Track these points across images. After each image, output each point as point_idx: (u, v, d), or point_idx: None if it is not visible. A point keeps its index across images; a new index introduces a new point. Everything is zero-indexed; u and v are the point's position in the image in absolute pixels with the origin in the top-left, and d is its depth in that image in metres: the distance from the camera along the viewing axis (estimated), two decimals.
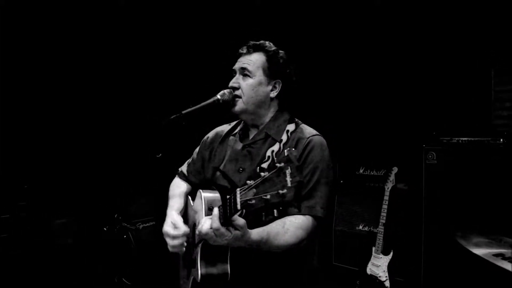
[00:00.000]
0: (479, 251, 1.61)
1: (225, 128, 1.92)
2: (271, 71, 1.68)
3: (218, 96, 1.73)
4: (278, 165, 1.09)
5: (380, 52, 4.19)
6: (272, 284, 1.60)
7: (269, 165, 1.15)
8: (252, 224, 1.41)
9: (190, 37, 4.32)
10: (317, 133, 1.67)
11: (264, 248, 1.45)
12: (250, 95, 1.67)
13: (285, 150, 1.13)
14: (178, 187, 1.95)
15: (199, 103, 1.71)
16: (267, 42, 1.74)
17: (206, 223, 1.37)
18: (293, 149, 1.18)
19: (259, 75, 1.67)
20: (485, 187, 3.12)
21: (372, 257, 3.38)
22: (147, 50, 4.23)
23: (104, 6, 3.95)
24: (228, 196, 1.27)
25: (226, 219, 1.30)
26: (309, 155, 1.58)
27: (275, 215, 1.13)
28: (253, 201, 1.13)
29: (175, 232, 1.60)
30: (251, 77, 1.67)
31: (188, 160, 2.02)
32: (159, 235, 1.71)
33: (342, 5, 4.08)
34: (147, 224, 3.94)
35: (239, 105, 1.69)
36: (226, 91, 1.75)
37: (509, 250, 1.62)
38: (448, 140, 3.36)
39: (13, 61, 3.77)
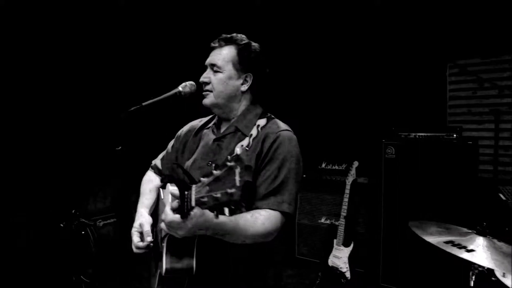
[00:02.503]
0: (432, 239, 1.69)
1: (200, 121, 1.89)
2: (242, 64, 1.65)
3: (180, 88, 1.70)
4: (228, 164, 1.08)
5: (342, 51, 4.28)
6: (237, 279, 1.60)
7: (218, 164, 1.14)
8: None
9: (155, 31, 4.25)
10: (288, 128, 1.65)
11: (231, 236, 1.42)
12: (219, 90, 1.65)
13: (237, 148, 1.11)
14: (150, 181, 1.89)
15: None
16: (239, 35, 1.70)
17: (167, 215, 1.35)
18: (246, 147, 1.17)
19: (228, 70, 1.64)
20: (439, 179, 3.27)
21: (334, 249, 3.46)
22: (108, 42, 4.11)
23: None
24: (186, 192, 1.26)
25: (183, 215, 1.28)
26: (277, 150, 1.56)
27: (226, 214, 1.12)
28: (206, 199, 1.12)
29: (138, 244, 1.58)
30: (220, 71, 1.64)
31: (162, 153, 1.98)
32: (121, 232, 1.66)
33: (307, 5, 4.12)
34: (108, 221, 3.84)
35: (210, 99, 1.66)
36: (188, 83, 1.72)
37: (458, 237, 1.71)
38: (406, 136, 3.49)
39: None
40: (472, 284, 1.76)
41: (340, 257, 3.41)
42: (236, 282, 1.57)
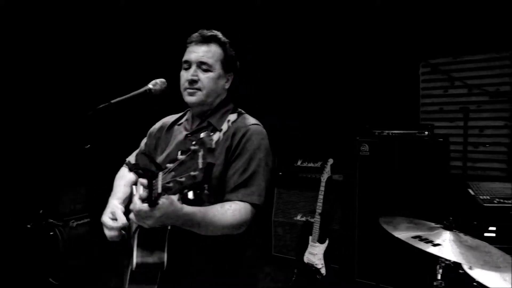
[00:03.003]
0: (400, 235, 1.72)
1: (171, 118, 1.88)
2: (227, 64, 1.68)
3: (150, 86, 1.68)
4: (192, 147, 1.10)
5: (318, 51, 4.31)
6: (210, 273, 1.59)
7: (184, 149, 1.14)
8: None
9: (125, 28, 4.19)
10: (257, 122, 1.68)
11: (201, 227, 1.42)
12: (211, 89, 1.64)
13: (201, 133, 1.12)
14: (124, 176, 1.87)
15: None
16: (220, 33, 1.71)
17: (135, 203, 1.34)
18: (211, 133, 1.18)
19: (218, 69, 1.65)
20: (411, 176, 3.34)
21: (309, 246, 3.49)
22: (74, 38, 4.02)
23: None
24: (154, 180, 1.25)
25: (151, 203, 1.27)
26: (247, 144, 1.58)
27: (191, 197, 1.11)
28: (171, 184, 1.13)
29: (113, 224, 1.54)
30: (211, 70, 1.64)
31: (135, 151, 1.96)
32: (94, 232, 1.63)
33: (279, 5, 4.14)
34: (82, 221, 3.76)
35: (199, 97, 1.64)
36: (158, 80, 1.70)
37: (426, 232, 1.75)
38: (379, 133, 3.54)
39: None
40: (439, 277, 1.80)
41: (315, 254, 3.44)
42: (209, 276, 1.57)
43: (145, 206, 1.28)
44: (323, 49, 4.28)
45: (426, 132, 3.36)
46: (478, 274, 2.00)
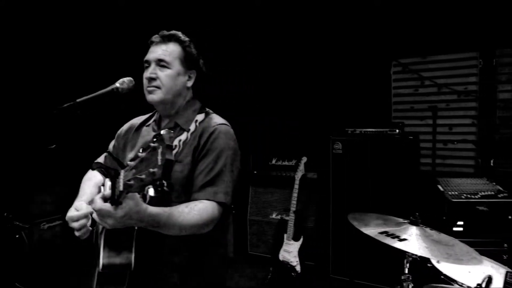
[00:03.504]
0: (368, 231, 1.76)
1: (139, 119, 1.86)
2: (187, 61, 1.67)
3: (117, 85, 1.66)
4: (151, 144, 1.09)
5: (292, 50, 4.35)
6: (180, 273, 1.59)
7: (144, 146, 1.14)
8: None
9: (91, 26, 4.10)
10: (225, 122, 1.68)
11: (166, 227, 1.41)
12: (170, 86, 1.64)
13: (162, 130, 1.12)
14: (91, 178, 1.83)
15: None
16: (179, 33, 1.72)
17: (95, 202, 1.31)
18: (171, 131, 1.18)
19: (176, 66, 1.65)
20: (383, 173, 3.41)
21: (284, 243, 3.52)
22: (40, 35, 3.91)
23: None
24: (116, 179, 1.24)
25: (113, 202, 1.26)
26: (214, 143, 1.59)
27: (152, 194, 1.11)
28: (132, 182, 1.12)
29: (76, 213, 1.51)
30: (169, 67, 1.64)
31: (104, 153, 1.92)
32: (66, 235, 1.60)
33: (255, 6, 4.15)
34: (53, 224, 3.67)
35: (158, 95, 1.63)
36: (125, 79, 1.68)
37: (394, 228, 1.79)
38: (352, 131, 3.60)
39: None
40: (406, 271, 1.85)
41: (290, 252, 3.47)
42: (177, 276, 1.56)
43: (106, 205, 1.26)
44: (299, 48, 4.32)
45: (397, 130, 3.44)
46: (445, 267, 2.07)
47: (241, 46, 4.28)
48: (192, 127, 1.64)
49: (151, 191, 1.10)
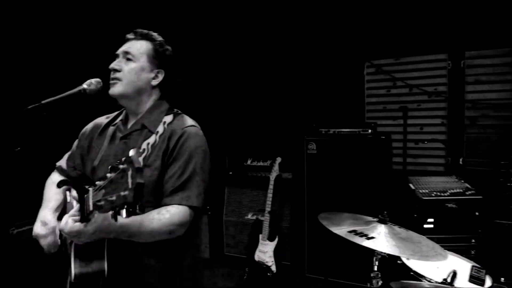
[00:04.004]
0: (337, 230, 1.79)
1: (105, 118, 1.82)
2: (156, 59, 1.66)
3: (84, 86, 1.63)
4: (121, 166, 1.09)
5: (267, 50, 4.37)
6: (153, 277, 1.58)
7: (113, 166, 1.14)
8: None
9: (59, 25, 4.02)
10: (194, 124, 1.67)
11: (138, 236, 1.41)
12: (131, 79, 1.62)
13: (130, 150, 1.12)
14: (55, 182, 1.80)
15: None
16: (155, 33, 1.72)
17: (66, 222, 1.30)
18: (139, 150, 1.20)
19: (142, 61, 1.63)
20: (357, 172, 3.47)
21: (259, 244, 3.53)
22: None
23: None
24: (85, 195, 1.23)
25: (83, 219, 1.25)
26: (183, 146, 1.57)
27: (123, 216, 1.11)
28: (102, 202, 1.12)
29: (44, 231, 1.49)
30: (134, 61, 1.62)
31: (66, 154, 1.88)
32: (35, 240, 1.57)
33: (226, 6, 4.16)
34: (23, 229, 3.58)
35: (118, 88, 1.61)
36: (93, 80, 1.66)
37: (363, 227, 1.83)
38: (326, 131, 3.65)
39: None
40: (375, 268, 1.89)
41: (266, 252, 3.49)
42: (151, 281, 1.56)
43: (76, 225, 1.26)
44: (274, 48, 4.34)
45: (370, 130, 3.50)
46: (414, 264, 2.12)
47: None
48: (160, 129, 1.62)
49: (123, 213, 1.10)
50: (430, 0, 3.73)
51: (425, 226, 3.08)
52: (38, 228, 1.53)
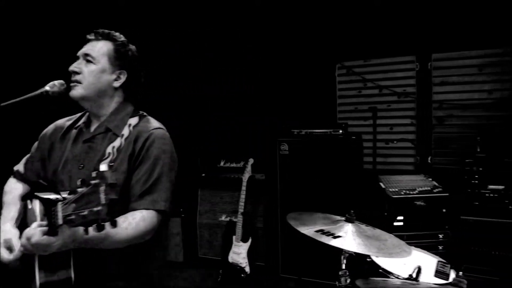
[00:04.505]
0: (305, 230, 1.81)
1: (66, 120, 1.77)
2: (117, 60, 1.62)
3: (47, 88, 1.59)
4: (92, 182, 1.10)
5: (240, 51, 4.38)
6: (121, 283, 1.56)
7: (84, 180, 1.14)
8: None
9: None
10: (160, 126, 1.65)
11: (105, 245, 1.40)
12: (91, 82, 1.58)
13: (102, 165, 1.12)
14: (12, 191, 1.73)
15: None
16: (117, 33, 1.68)
17: (33, 235, 1.28)
18: (111, 163, 1.20)
19: (103, 62, 1.60)
20: (328, 172, 3.52)
21: (233, 245, 3.53)
22: None
23: None
24: (53, 208, 1.21)
25: (51, 232, 1.24)
26: (150, 149, 1.55)
27: (96, 231, 1.12)
28: (73, 217, 1.11)
29: (9, 257, 1.46)
30: (94, 63, 1.59)
31: (25, 158, 1.82)
32: None
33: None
34: None
35: (78, 90, 1.58)
36: (56, 82, 1.62)
37: (330, 226, 1.85)
38: (298, 132, 3.68)
39: None
40: (343, 266, 1.92)
41: (239, 253, 3.49)
42: (122, 285, 1.55)
43: (44, 238, 1.24)
44: (247, 49, 4.36)
45: (341, 131, 3.56)
46: (383, 261, 2.16)
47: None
48: (126, 132, 1.60)
49: (92, 228, 1.12)
50: (398, 4, 3.82)
51: (395, 224, 3.15)
52: (4, 254, 1.50)
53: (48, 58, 3.78)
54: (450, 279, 2.01)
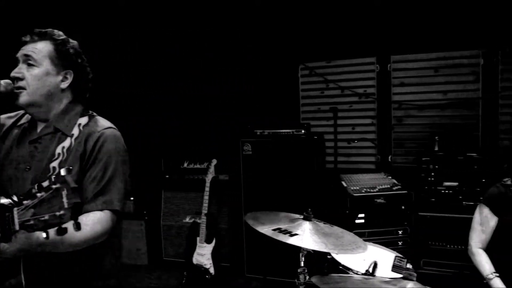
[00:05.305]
0: (263, 229, 1.82)
1: (6, 118, 1.69)
2: (61, 60, 1.56)
3: None
4: (54, 186, 1.08)
5: (204, 52, 4.37)
6: (75, 285, 1.53)
7: (41, 185, 1.11)
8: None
9: None
10: (111, 125, 1.62)
11: (60, 249, 1.37)
12: (36, 87, 1.52)
13: (62, 170, 1.10)
14: None
15: None
16: (55, 30, 1.61)
17: None
18: (71, 168, 1.17)
19: (46, 65, 1.53)
20: (291, 172, 3.56)
21: (197, 247, 3.51)
22: None
23: None
24: (7, 214, 1.16)
25: (5, 239, 1.20)
26: (101, 150, 1.53)
27: (56, 234, 1.10)
28: (32, 222, 1.09)
29: None
30: (36, 66, 1.52)
31: None
32: None
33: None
34: None
35: (24, 97, 1.51)
36: (2, 82, 1.55)
37: (288, 224, 1.87)
38: (261, 133, 3.71)
39: None
40: (302, 264, 1.94)
41: (203, 254, 3.47)
42: (76, 286, 1.52)
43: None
44: (211, 51, 4.34)
45: (303, 131, 3.61)
46: (343, 258, 2.21)
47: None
48: (76, 132, 1.56)
49: (53, 231, 1.10)
50: (359, 7, 3.92)
51: (357, 221, 3.23)
52: None
53: None
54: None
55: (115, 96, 4.31)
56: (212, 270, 3.43)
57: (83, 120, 1.60)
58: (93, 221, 1.44)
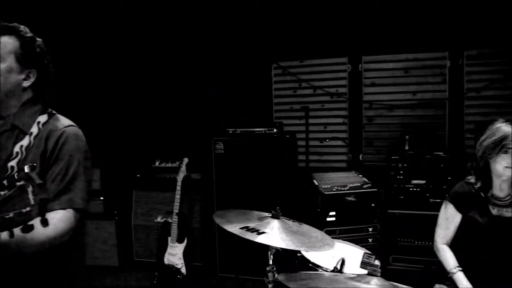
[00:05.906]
0: (231, 227, 1.82)
1: None
2: (25, 58, 1.52)
3: None
4: (18, 183, 1.07)
5: (175, 51, 4.34)
6: (39, 286, 1.49)
7: (3, 184, 1.07)
8: None
9: None
10: (72, 123, 1.59)
11: (24, 250, 1.33)
12: None
13: (26, 167, 1.06)
14: None
15: None
16: (22, 26, 1.56)
17: None
18: (35, 164, 1.14)
19: (9, 61, 1.49)
20: (264, 170, 3.57)
21: (169, 246, 3.47)
22: None
23: None
24: None
25: None
26: (63, 148, 1.50)
27: (21, 232, 1.08)
28: None
29: None
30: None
31: None
32: None
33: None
34: None
35: None
36: None
37: (257, 223, 1.88)
38: (233, 131, 3.70)
39: None
40: (271, 262, 1.95)
41: (175, 254, 3.44)
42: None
43: None
44: (184, 51, 4.31)
45: (275, 130, 3.63)
46: (313, 255, 2.23)
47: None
48: (35, 130, 1.52)
49: (18, 230, 1.07)
50: (331, 7, 3.96)
51: (328, 219, 3.26)
52: None
53: None
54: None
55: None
56: (184, 270, 3.40)
57: (43, 118, 1.56)
58: (57, 220, 1.41)
